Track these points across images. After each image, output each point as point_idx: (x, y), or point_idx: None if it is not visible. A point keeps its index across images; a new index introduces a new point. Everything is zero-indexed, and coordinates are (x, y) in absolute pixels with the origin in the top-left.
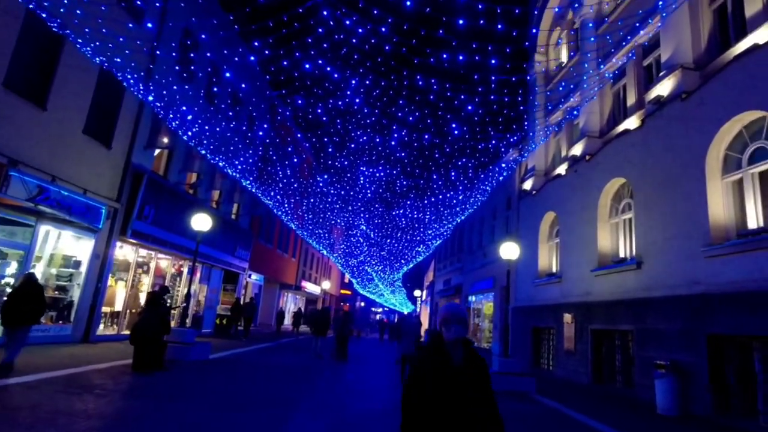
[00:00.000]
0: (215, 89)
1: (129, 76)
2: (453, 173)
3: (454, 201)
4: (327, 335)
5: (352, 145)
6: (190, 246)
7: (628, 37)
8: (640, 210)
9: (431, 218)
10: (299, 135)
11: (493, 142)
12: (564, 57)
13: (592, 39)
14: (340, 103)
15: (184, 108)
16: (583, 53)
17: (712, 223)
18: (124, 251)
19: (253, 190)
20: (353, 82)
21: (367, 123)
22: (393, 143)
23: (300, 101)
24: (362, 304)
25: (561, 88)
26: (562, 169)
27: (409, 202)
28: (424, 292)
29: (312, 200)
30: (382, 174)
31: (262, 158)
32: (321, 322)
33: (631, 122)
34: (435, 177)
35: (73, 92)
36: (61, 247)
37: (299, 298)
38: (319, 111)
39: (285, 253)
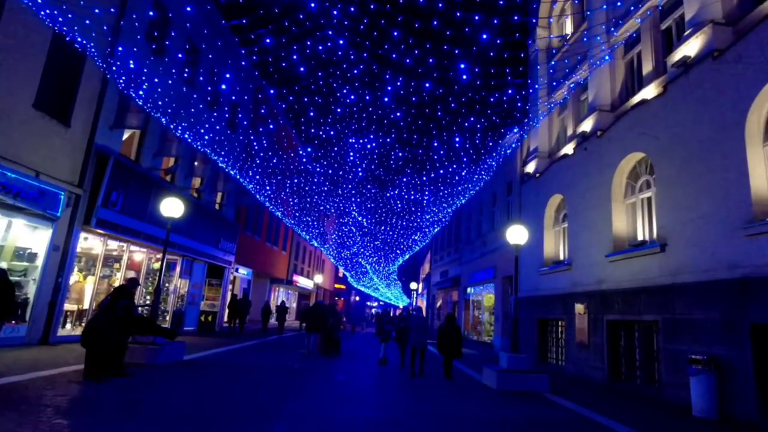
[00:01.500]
0: (193, 69)
1: (90, 45)
2: (452, 154)
3: (454, 179)
4: (320, 331)
5: (338, 109)
6: (171, 239)
7: (639, 4)
8: (662, 187)
9: (428, 200)
10: (281, 110)
11: (495, 120)
12: (569, 28)
13: (604, 6)
14: (320, 47)
15: (157, 84)
16: (591, 21)
17: (754, 197)
18: (91, 242)
19: (238, 177)
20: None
21: (355, 75)
22: (386, 101)
23: (269, 41)
24: (357, 298)
25: (566, 62)
26: (569, 149)
27: (405, 179)
28: (420, 285)
29: (296, 180)
30: (373, 145)
31: (246, 143)
32: (313, 318)
33: (649, 91)
34: (432, 152)
35: (17, 58)
36: (13, 238)
37: (291, 293)
38: (295, 58)
39: (275, 245)
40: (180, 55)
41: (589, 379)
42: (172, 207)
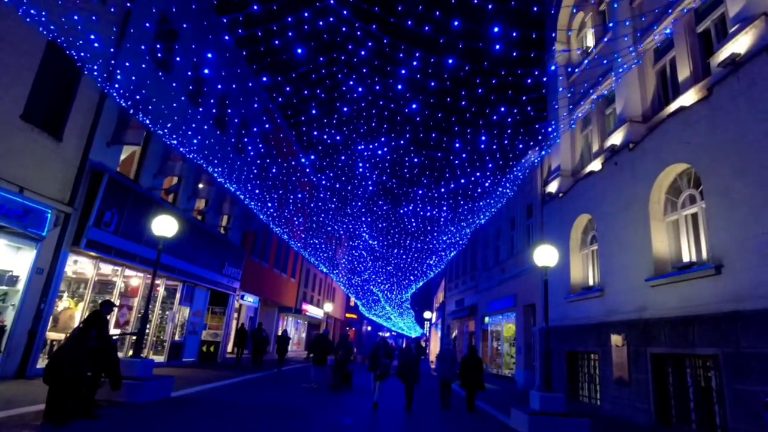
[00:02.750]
0: (198, 86)
1: (86, 57)
2: (469, 165)
3: (472, 193)
4: (327, 363)
5: (344, 108)
6: (168, 262)
7: (669, 10)
8: (713, 201)
9: (445, 217)
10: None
11: (518, 145)
12: (590, 41)
13: (627, 23)
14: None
15: (159, 104)
16: (615, 32)
17: None
18: (82, 266)
19: (245, 200)
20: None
21: (362, 59)
22: (399, 89)
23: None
24: (369, 328)
25: (588, 75)
26: (595, 165)
27: (420, 192)
28: (434, 315)
29: (301, 195)
30: (385, 150)
31: (253, 164)
32: (319, 349)
33: (689, 97)
34: (450, 155)
35: (4, 64)
36: None
37: (301, 323)
38: (290, 34)
39: (283, 272)
40: (188, 73)
41: (632, 421)
42: (164, 225)
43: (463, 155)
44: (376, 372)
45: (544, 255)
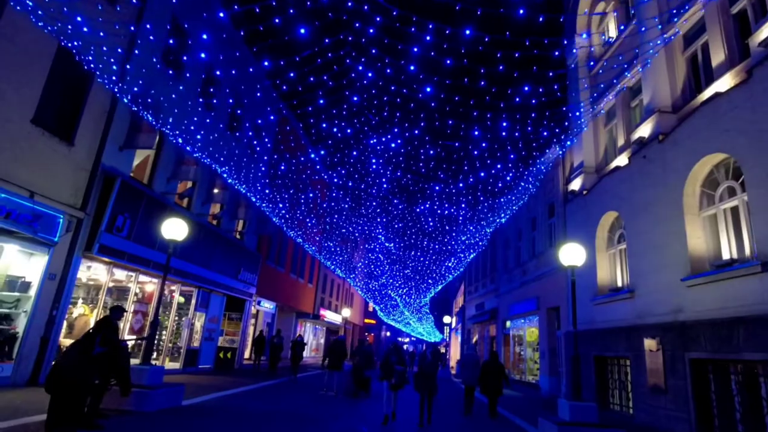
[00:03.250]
0: (209, 86)
1: (98, 63)
2: (489, 158)
3: (492, 189)
4: (343, 369)
5: (354, 97)
6: (182, 267)
7: None
8: (756, 192)
9: (464, 215)
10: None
11: (540, 133)
12: (612, 31)
13: (653, 9)
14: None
15: (171, 107)
16: (640, 19)
17: None
18: (96, 271)
19: (259, 204)
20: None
21: (371, 38)
22: (412, 69)
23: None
24: (388, 333)
25: (611, 67)
26: (621, 160)
27: (437, 188)
28: (454, 319)
29: (313, 195)
30: (399, 142)
31: (268, 168)
32: (335, 355)
33: (724, 82)
34: (468, 145)
35: (15, 67)
36: (4, 266)
37: (320, 328)
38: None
39: (300, 278)
40: (202, 75)
41: (671, 431)
42: (174, 229)
43: (483, 144)
44: (390, 381)
45: (571, 254)
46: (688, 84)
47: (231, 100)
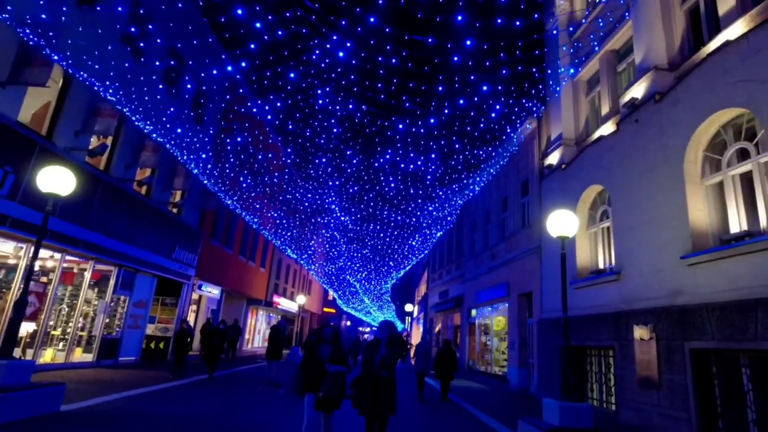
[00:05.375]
0: (135, 29)
1: None
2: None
3: (457, 157)
4: (281, 358)
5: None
6: (97, 241)
7: None
8: None
9: (430, 172)
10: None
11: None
12: None
13: None
14: None
15: (79, 39)
16: None
17: None
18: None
19: (202, 176)
20: None
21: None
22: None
23: None
24: (348, 323)
25: (592, 32)
26: (607, 128)
27: (400, 127)
28: (416, 308)
29: (259, 156)
30: (350, 49)
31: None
32: (273, 342)
33: (734, 30)
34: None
35: None
36: None
37: (274, 317)
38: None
39: (251, 261)
40: (120, 9)
41: None
42: (53, 179)
43: (455, 58)
44: (317, 395)
45: (561, 222)
46: (687, 39)
47: (162, 44)
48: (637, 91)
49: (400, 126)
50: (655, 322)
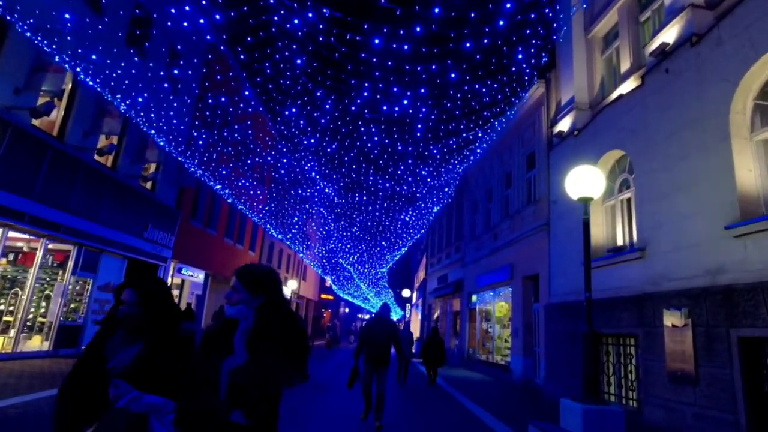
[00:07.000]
0: None
1: None
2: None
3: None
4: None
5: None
6: (49, 216)
7: None
8: None
9: (420, 123)
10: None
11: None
12: None
13: None
14: None
15: None
16: None
17: None
18: None
19: (177, 149)
20: None
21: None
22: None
23: None
24: (346, 310)
25: None
26: (628, 86)
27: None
28: (414, 294)
29: (249, 140)
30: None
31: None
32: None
33: None
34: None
35: None
36: None
37: None
38: None
39: (239, 244)
40: None
41: None
42: None
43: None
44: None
45: (583, 180)
46: None
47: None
48: (668, 35)
49: (377, 41)
50: (690, 306)
